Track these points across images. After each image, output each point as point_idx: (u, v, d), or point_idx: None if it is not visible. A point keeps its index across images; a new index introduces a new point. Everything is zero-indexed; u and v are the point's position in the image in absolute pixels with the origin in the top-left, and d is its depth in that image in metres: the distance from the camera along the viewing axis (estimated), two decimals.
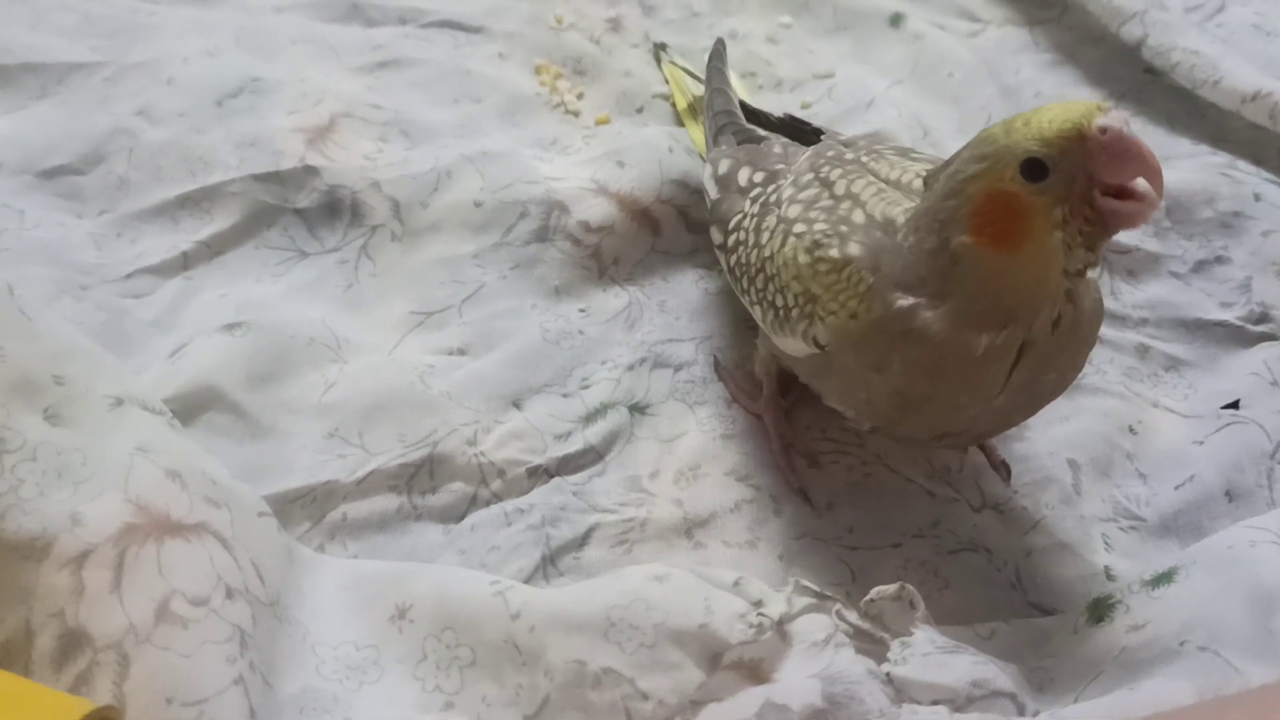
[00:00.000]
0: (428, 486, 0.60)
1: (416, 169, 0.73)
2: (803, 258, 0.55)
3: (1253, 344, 0.69)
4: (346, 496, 0.59)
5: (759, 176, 0.64)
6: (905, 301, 0.51)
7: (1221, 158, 0.79)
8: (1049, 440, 0.64)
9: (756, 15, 0.93)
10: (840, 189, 0.57)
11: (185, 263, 0.70)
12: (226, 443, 0.60)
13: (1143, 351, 0.69)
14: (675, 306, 0.71)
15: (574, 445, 0.63)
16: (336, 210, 0.72)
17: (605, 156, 0.75)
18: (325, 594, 0.53)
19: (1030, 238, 0.47)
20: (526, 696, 0.49)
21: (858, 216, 0.55)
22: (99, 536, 0.46)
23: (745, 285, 0.61)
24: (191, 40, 0.80)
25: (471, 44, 0.86)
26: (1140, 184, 0.46)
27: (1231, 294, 0.71)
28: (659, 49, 0.87)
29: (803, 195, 0.59)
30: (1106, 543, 0.60)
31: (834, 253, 0.54)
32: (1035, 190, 0.46)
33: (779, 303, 0.58)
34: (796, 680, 0.49)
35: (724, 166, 0.67)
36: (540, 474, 0.61)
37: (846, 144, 0.63)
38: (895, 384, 0.52)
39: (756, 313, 0.61)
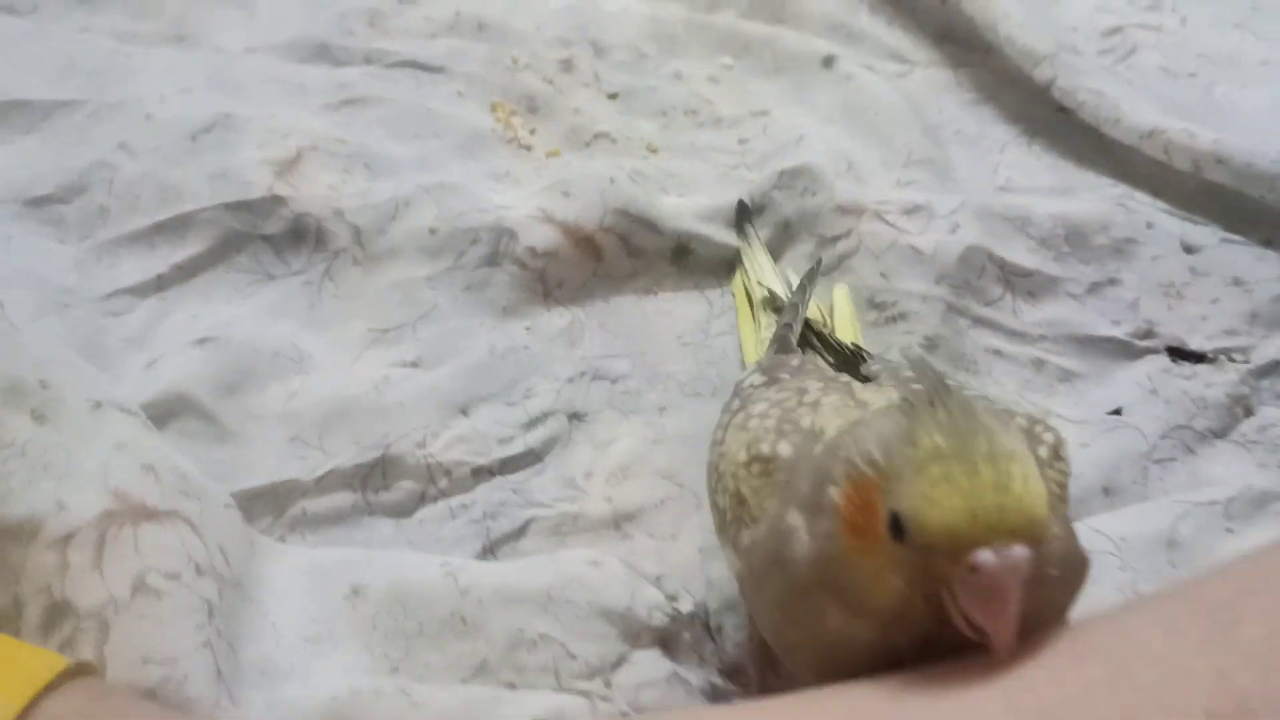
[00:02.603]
0: (381, 485, 0.64)
1: (377, 199, 0.77)
2: (741, 455, 0.49)
3: (1138, 357, 0.75)
4: (306, 494, 0.63)
5: (758, 379, 0.56)
6: (795, 520, 0.43)
7: (1121, 189, 0.84)
8: None
9: (700, 57, 0.97)
10: (811, 396, 0.50)
11: (160, 285, 0.73)
12: (196, 445, 0.64)
13: (1039, 365, 0.74)
14: (615, 326, 0.75)
15: (515, 448, 0.67)
16: (302, 236, 0.75)
17: (552, 187, 0.78)
18: (285, 578, 0.56)
19: (872, 557, 0.39)
20: (467, 661, 0.54)
21: (805, 421, 0.48)
22: (82, 520, 0.49)
23: (711, 485, 0.54)
24: (168, 80, 0.83)
25: (433, 83, 0.90)
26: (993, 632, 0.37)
27: (1121, 313, 0.77)
28: (743, 220, 0.79)
29: (776, 394, 0.52)
30: None
31: (765, 448, 0.48)
32: (890, 538, 0.39)
33: (720, 503, 0.52)
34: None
35: (753, 379, 0.58)
36: (484, 473, 0.66)
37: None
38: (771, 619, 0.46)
39: (714, 519, 0.54)
